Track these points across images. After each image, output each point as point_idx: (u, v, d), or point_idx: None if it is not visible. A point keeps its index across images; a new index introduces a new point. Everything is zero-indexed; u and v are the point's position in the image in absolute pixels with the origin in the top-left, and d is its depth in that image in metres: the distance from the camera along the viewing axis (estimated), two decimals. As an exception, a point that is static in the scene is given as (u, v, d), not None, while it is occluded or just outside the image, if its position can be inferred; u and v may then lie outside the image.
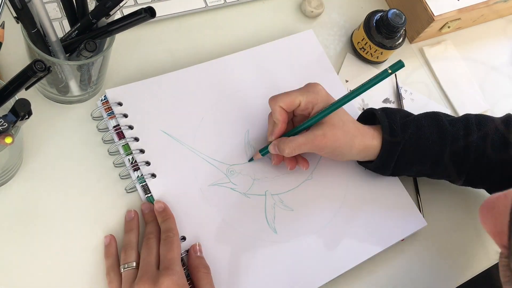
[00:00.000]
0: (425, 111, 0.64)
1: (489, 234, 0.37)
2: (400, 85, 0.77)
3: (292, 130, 0.59)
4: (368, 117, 0.64)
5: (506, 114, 0.65)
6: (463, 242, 0.68)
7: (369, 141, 0.59)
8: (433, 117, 0.62)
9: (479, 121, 0.62)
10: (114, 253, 0.54)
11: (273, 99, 0.58)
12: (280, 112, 0.58)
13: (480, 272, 0.67)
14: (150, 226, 0.55)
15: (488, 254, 0.68)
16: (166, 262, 0.51)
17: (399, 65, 0.52)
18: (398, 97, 0.76)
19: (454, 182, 0.65)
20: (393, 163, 0.61)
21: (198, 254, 0.55)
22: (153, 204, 0.56)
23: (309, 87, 0.59)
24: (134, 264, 0.52)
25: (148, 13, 0.49)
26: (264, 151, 0.60)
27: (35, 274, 0.51)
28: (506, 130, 0.61)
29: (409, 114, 0.63)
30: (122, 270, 0.52)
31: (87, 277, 0.53)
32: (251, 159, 0.61)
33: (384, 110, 0.62)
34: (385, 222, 0.63)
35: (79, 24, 0.52)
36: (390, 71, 0.52)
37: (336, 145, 0.57)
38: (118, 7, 0.50)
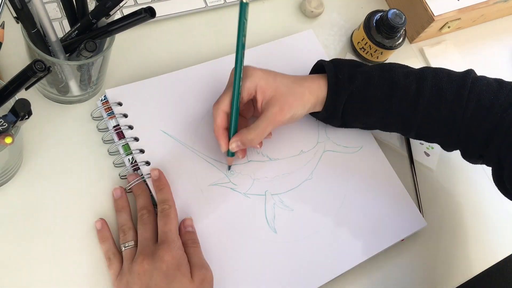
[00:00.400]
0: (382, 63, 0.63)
1: None
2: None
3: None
4: (319, 70, 0.64)
5: (466, 70, 0.62)
6: (463, 242, 0.68)
7: (317, 92, 0.59)
8: (387, 68, 0.61)
9: (436, 73, 0.60)
10: (109, 236, 0.54)
11: (215, 105, 0.57)
12: (222, 119, 0.57)
13: (480, 272, 0.67)
14: (140, 200, 0.55)
15: (488, 254, 0.68)
16: (163, 236, 0.51)
17: None
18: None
19: (406, 134, 0.64)
20: (340, 114, 0.61)
21: (189, 229, 0.55)
22: (139, 175, 0.56)
23: (243, 75, 0.57)
24: (133, 243, 0.52)
25: (148, 13, 0.49)
26: (230, 152, 0.59)
27: (35, 274, 0.51)
28: (462, 84, 0.59)
29: (360, 65, 0.62)
30: (122, 249, 0.52)
31: (88, 277, 0.52)
32: (229, 167, 0.61)
33: (333, 60, 0.62)
34: (385, 222, 0.63)
35: (79, 24, 0.52)
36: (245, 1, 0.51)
37: (293, 111, 0.57)
38: (118, 7, 0.50)
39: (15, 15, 0.46)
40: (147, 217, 0.53)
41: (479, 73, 0.62)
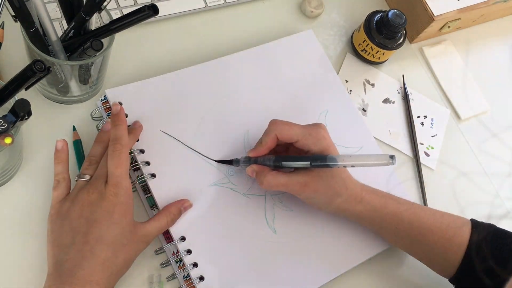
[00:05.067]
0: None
1: None
2: (400, 86, 0.77)
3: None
4: None
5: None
6: (463, 242, 0.68)
7: (352, 206, 0.57)
8: None
9: None
10: (66, 160, 0.53)
11: (273, 124, 0.56)
12: (272, 139, 0.55)
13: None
14: (118, 130, 0.53)
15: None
16: (114, 179, 0.51)
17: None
18: (406, 98, 0.76)
19: None
20: None
21: (181, 209, 0.55)
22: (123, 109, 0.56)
23: (312, 129, 0.56)
24: (89, 177, 0.52)
25: (151, 11, 0.49)
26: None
27: (35, 274, 0.51)
28: None
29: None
30: (76, 178, 0.53)
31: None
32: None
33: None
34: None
35: (74, 22, 0.52)
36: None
37: (314, 195, 0.56)
38: (108, 0, 0.50)
39: (13, 13, 0.46)
40: (119, 153, 0.52)
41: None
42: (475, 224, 0.59)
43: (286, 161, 0.55)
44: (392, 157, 0.51)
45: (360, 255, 0.61)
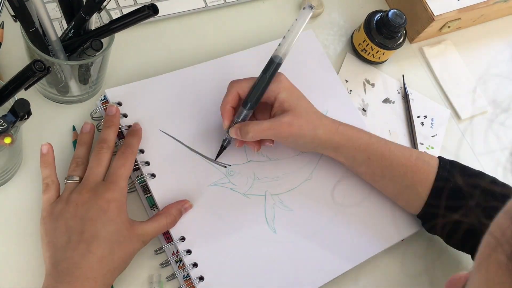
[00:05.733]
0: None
1: None
2: (400, 86, 0.77)
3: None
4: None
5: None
6: (463, 242, 0.68)
7: (331, 136, 0.59)
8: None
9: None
10: (52, 162, 0.53)
11: (233, 82, 0.58)
12: (233, 96, 0.57)
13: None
14: (107, 133, 0.54)
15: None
16: (114, 177, 0.51)
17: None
18: (406, 97, 0.76)
19: None
20: None
21: (182, 210, 0.55)
22: (119, 110, 0.56)
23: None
24: (78, 179, 0.52)
25: (151, 10, 0.49)
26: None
27: (35, 274, 0.51)
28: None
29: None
30: (65, 181, 0.52)
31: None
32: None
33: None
34: (386, 222, 0.63)
35: (73, 22, 0.52)
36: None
37: (300, 133, 0.57)
38: (107, 0, 0.50)
39: (13, 13, 0.46)
40: (105, 152, 0.53)
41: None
42: (441, 159, 0.61)
43: (249, 97, 0.56)
44: (311, 6, 0.54)
45: (360, 255, 0.61)
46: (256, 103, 0.57)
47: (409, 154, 0.61)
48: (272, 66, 0.56)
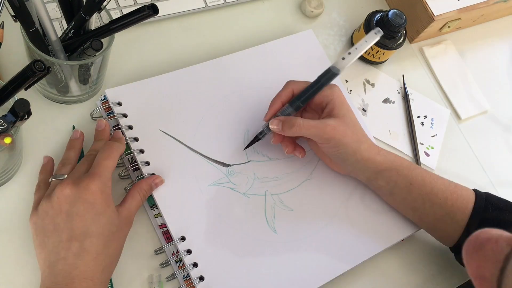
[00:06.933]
0: None
1: (469, 275, 0.34)
2: (400, 86, 0.77)
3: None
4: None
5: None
6: (463, 242, 0.68)
7: (373, 155, 0.58)
8: None
9: None
10: (50, 170, 0.54)
11: (290, 81, 0.59)
12: (287, 93, 0.58)
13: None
14: (97, 143, 0.55)
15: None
16: (97, 168, 0.50)
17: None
18: (406, 97, 0.76)
19: None
20: None
21: (152, 185, 0.55)
22: (108, 124, 0.57)
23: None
24: (65, 177, 0.51)
25: (151, 10, 0.49)
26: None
27: (34, 274, 0.51)
28: None
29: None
30: (51, 179, 0.52)
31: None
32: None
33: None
34: (386, 222, 0.63)
35: (73, 22, 0.52)
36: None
37: (343, 140, 0.56)
38: (107, 0, 0.50)
39: (13, 13, 0.46)
40: (93, 157, 0.52)
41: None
42: (477, 192, 0.61)
43: (299, 96, 0.57)
44: (380, 31, 0.55)
45: (360, 255, 0.61)
46: (303, 102, 0.57)
47: (447, 181, 0.60)
48: (328, 74, 0.56)
